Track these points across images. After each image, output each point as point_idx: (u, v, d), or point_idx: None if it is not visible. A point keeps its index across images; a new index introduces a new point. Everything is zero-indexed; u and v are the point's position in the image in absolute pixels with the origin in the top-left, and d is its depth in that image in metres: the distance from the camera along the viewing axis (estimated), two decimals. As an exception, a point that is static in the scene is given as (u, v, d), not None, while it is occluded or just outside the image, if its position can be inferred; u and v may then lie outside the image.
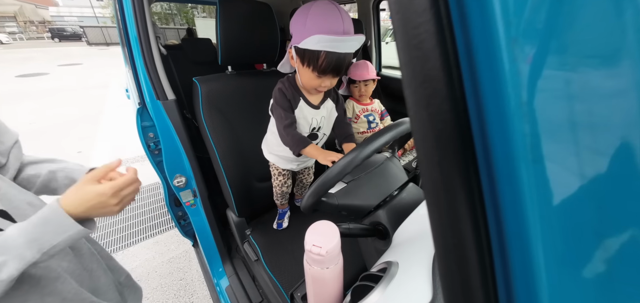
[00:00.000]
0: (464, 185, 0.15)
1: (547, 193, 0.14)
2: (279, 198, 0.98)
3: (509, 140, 0.13)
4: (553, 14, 0.12)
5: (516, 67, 0.12)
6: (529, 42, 0.13)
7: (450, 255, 0.17)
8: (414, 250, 0.43)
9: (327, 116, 0.77)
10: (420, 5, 0.14)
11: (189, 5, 8.52)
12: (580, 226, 0.14)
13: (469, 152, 0.15)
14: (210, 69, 0.99)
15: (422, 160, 0.16)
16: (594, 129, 0.14)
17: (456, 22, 0.13)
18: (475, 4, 0.13)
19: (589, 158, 0.14)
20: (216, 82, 0.90)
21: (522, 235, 0.15)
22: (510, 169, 0.14)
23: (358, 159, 0.48)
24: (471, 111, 0.14)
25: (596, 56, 0.13)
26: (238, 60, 0.90)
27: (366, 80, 1.25)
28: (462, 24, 0.13)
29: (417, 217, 0.54)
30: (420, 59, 0.14)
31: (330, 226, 0.46)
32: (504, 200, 0.14)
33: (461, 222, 0.15)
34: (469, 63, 0.13)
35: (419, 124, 0.15)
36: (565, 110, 0.13)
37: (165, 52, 1.57)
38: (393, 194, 0.62)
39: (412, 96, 0.15)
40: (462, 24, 0.13)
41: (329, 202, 0.54)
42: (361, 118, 1.31)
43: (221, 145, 0.89)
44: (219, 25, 0.80)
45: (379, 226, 0.57)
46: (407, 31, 0.14)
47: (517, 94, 0.12)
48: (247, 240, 1.02)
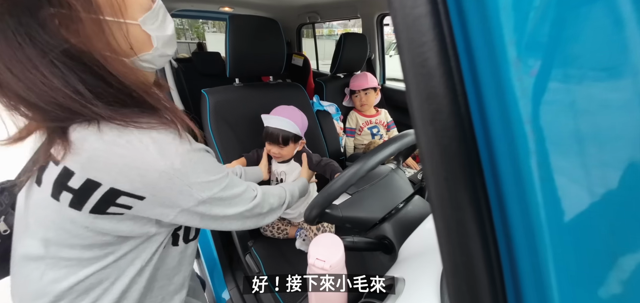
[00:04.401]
0: (472, 202, 0.15)
1: (557, 210, 0.14)
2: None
3: (516, 157, 0.13)
4: (554, 31, 0.13)
5: (520, 86, 0.13)
6: (532, 60, 0.13)
7: (459, 274, 0.17)
8: (421, 266, 0.42)
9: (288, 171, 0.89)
10: (424, 25, 0.14)
11: (200, 21, 8.99)
12: (593, 245, 0.14)
13: (476, 168, 0.14)
14: (219, 81, 1.03)
15: (429, 176, 0.16)
16: (602, 146, 0.13)
17: (459, 41, 0.14)
18: (478, 25, 0.13)
19: (598, 175, 0.13)
20: (224, 93, 0.92)
21: (533, 254, 0.14)
22: (518, 187, 0.13)
23: (363, 170, 0.48)
24: (477, 127, 0.14)
25: (601, 69, 0.13)
26: (246, 72, 0.93)
27: (365, 89, 1.27)
28: (466, 43, 0.14)
29: (423, 232, 0.52)
30: (424, 76, 0.14)
31: (335, 239, 0.46)
32: (512, 217, 0.14)
33: (470, 240, 0.15)
34: (473, 81, 0.14)
35: (425, 139, 0.16)
36: (572, 126, 0.13)
37: (176, 66, 1.63)
38: (398, 206, 0.61)
39: (418, 111, 0.15)
40: (465, 43, 0.14)
41: (333, 214, 0.53)
42: (365, 130, 1.32)
43: (227, 154, 0.90)
44: (229, 39, 0.83)
45: (385, 240, 0.55)
46: (411, 49, 0.15)
47: (522, 112, 0.13)
48: (249, 252, 1.01)
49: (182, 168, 0.32)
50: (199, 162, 0.34)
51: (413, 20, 0.14)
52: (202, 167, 0.35)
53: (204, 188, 0.34)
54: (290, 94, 1.06)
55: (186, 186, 0.32)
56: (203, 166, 0.35)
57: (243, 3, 1.72)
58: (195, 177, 0.33)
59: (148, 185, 0.30)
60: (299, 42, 2.22)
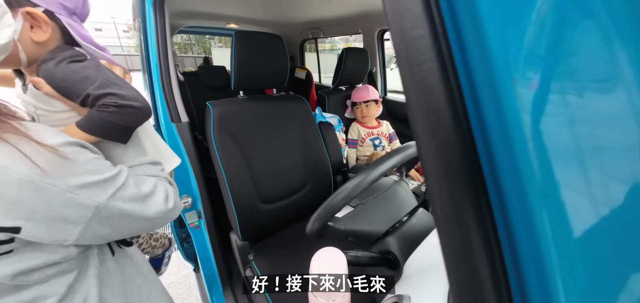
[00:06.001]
0: (476, 217, 0.14)
1: (562, 227, 0.13)
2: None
3: (519, 174, 0.13)
4: (551, 45, 0.13)
5: (519, 104, 0.13)
6: (531, 74, 0.13)
7: (466, 293, 0.16)
8: (427, 283, 0.41)
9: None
10: (423, 45, 0.15)
11: (207, 36, 9.35)
12: (600, 264, 0.14)
13: (480, 184, 0.14)
14: (223, 94, 1.05)
15: (432, 191, 0.16)
16: (606, 159, 0.13)
17: (458, 59, 0.14)
18: (475, 46, 0.13)
19: (603, 193, 0.13)
20: (228, 105, 0.94)
21: (540, 270, 0.14)
22: (522, 203, 0.13)
23: (365, 182, 0.47)
24: (478, 143, 0.14)
25: (599, 80, 0.13)
26: (250, 85, 0.96)
27: (366, 101, 1.29)
28: (464, 62, 0.14)
29: (428, 246, 0.51)
30: (425, 93, 0.15)
31: (337, 254, 0.45)
32: (518, 234, 0.14)
33: (476, 257, 0.15)
34: (473, 98, 0.14)
35: (427, 154, 0.16)
36: (573, 142, 0.13)
37: (182, 79, 1.68)
38: (402, 220, 0.60)
39: (420, 127, 0.16)
40: (464, 62, 0.14)
41: (336, 227, 0.52)
42: (367, 141, 1.32)
43: (229, 165, 0.90)
44: (234, 53, 0.86)
45: (389, 255, 0.54)
46: (411, 68, 0.15)
47: (522, 130, 0.13)
48: (250, 266, 0.99)
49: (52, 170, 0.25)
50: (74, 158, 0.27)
51: (412, 41, 0.15)
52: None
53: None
54: (293, 106, 1.08)
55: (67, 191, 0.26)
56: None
57: (248, 20, 1.79)
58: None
59: (11, 206, 0.23)
60: (302, 56, 2.28)
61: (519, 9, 0.13)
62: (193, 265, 1.37)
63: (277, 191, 0.99)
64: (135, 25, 0.98)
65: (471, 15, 0.13)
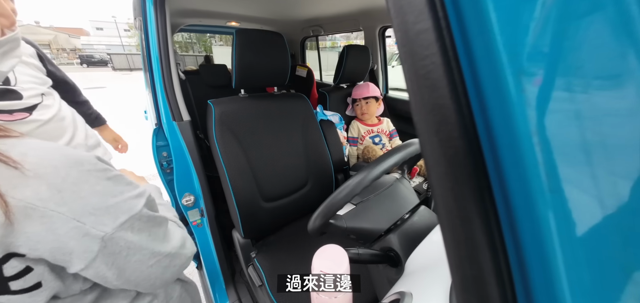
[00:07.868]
0: (480, 212, 0.14)
1: (567, 223, 0.13)
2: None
3: (523, 170, 0.13)
4: (555, 43, 0.13)
5: (523, 98, 0.13)
6: (534, 73, 0.13)
7: (469, 288, 0.16)
8: (429, 279, 0.41)
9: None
10: (427, 39, 0.15)
11: (208, 35, 9.34)
12: (606, 260, 0.13)
13: (483, 179, 0.14)
14: (224, 92, 1.05)
15: (436, 186, 0.16)
16: (611, 155, 0.13)
17: (461, 53, 0.14)
18: (479, 40, 0.13)
19: (609, 188, 0.13)
20: (229, 104, 0.94)
21: (545, 266, 0.14)
22: (526, 198, 0.13)
23: (367, 179, 0.47)
24: (482, 138, 0.14)
25: (604, 77, 0.13)
26: (251, 84, 0.96)
27: (366, 98, 1.28)
28: (468, 56, 0.14)
29: (430, 243, 0.51)
30: (428, 88, 0.15)
31: (339, 251, 0.45)
32: (522, 229, 0.14)
33: (479, 253, 0.15)
34: (476, 92, 0.14)
35: (430, 149, 0.16)
36: (578, 137, 0.13)
37: (183, 77, 1.68)
38: (404, 217, 0.60)
39: (422, 122, 0.16)
40: (467, 56, 0.14)
41: (337, 224, 0.53)
42: (366, 139, 1.32)
43: (231, 164, 0.91)
44: (235, 52, 0.86)
45: (391, 252, 0.54)
46: (414, 63, 0.15)
47: (527, 124, 0.13)
48: (252, 264, 0.99)
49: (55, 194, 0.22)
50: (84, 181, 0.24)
51: (415, 35, 0.15)
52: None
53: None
54: (294, 104, 1.08)
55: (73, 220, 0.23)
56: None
57: (249, 18, 1.79)
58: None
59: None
60: (303, 54, 2.27)
61: (524, 0, 0.13)
62: (196, 263, 1.38)
63: (279, 189, 0.99)
64: (136, 24, 0.98)
65: (475, 9, 0.13)
